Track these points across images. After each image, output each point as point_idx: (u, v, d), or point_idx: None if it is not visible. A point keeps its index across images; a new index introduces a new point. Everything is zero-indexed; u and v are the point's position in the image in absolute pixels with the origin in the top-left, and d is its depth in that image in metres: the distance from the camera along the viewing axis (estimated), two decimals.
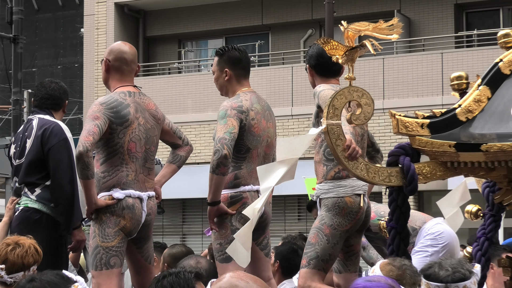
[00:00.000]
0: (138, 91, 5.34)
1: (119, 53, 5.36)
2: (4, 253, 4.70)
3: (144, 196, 5.20)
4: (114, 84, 5.35)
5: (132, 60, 5.38)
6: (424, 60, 17.86)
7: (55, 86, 6.08)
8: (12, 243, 4.74)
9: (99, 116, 5.09)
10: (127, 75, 5.36)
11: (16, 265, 4.66)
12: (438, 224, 6.51)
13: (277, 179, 4.46)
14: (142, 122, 5.23)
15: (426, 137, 4.52)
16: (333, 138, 4.47)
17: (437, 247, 6.39)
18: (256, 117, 5.40)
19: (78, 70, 28.65)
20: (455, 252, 6.43)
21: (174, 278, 3.43)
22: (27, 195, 5.79)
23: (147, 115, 5.29)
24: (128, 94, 5.25)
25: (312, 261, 5.39)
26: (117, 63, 5.34)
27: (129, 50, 5.40)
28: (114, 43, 5.56)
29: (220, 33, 21.51)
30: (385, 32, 4.51)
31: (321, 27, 19.92)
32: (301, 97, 18.08)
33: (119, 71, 5.35)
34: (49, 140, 5.77)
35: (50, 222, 5.77)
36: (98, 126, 5.05)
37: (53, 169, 5.73)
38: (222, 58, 5.54)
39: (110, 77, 5.38)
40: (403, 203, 4.58)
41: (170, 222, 20.33)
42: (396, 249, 4.58)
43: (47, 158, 5.76)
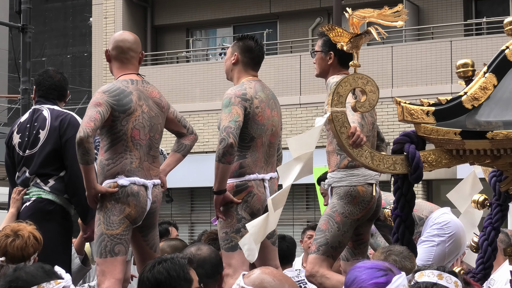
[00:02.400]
0: (141, 79, 5.34)
1: (115, 42, 5.39)
2: (4, 245, 4.70)
3: (149, 184, 5.19)
4: (116, 73, 5.37)
5: (129, 47, 5.36)
6: (433, 48, 17.79)
7: (60, 77, 6.08)
8: (12, 233, 4.73)
9: (101, 103, 5.09)
10: (126, 63, 5.36)
11: (16, 257, 4.67)
12: (445, 214, 6.50)
13: (294, 176, 4.48)
14: (146, 109, 5.23)
15: (432, 125, 4.51)
16: (338, 126, 4.46)
17: (443, 236, 6.37)
18: (260, 106, 5.39)
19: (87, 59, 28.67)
20: (461, 242, 6.41)
21: (169, 264, 3.45)
22: (40, 186, 5.77)
23: (151, 103, 5.28)
24: (130, 82, 5.25)
25: (321, 247, 5.40)
26: (114, 52, 5.37)
27: (127, 38, 5.40)
28: (115, 33, 5.57)
29: (228, 21, 21.48)
30: (390, 18, 4.49)
31: (329, 15, 19.86)
32: (309, 85, 18.05)
33: (118, 59, 5.37)
34: (66, 131, 5.77)
35: (63, 213, 5.78)
36: (100, 112, 5.05)
37: (71, 161, 5.72)
38: (238, 43, 5.60)
39: (112, 66, 5.42)
40: (408, 191, 4.56)
41: (179, 211, 20.35)
42: (401, 238, 4.57)
43: (64, 149, 5.76)
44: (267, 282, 2.73)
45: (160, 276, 3.45)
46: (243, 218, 5.30)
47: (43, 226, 5.34)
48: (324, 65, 5.61)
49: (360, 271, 3.07)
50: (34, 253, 4.75)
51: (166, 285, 3.43)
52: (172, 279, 3.43)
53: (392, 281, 3.00)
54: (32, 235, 4.75)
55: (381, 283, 2.99)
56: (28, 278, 3.25)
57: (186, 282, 3.42)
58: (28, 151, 5.83)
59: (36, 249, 4.76)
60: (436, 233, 6.39)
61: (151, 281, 3.45)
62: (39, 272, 3.28)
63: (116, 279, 5.03)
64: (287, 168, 4.55)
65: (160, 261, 3.52)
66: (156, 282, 3.44)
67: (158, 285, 3.44)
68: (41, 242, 4.81)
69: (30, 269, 3.31)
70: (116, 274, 5.05)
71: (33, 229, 4.83)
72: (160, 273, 3.44)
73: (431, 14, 19.38)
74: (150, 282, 3.45)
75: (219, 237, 5.41)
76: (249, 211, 5.33)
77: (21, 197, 5.82)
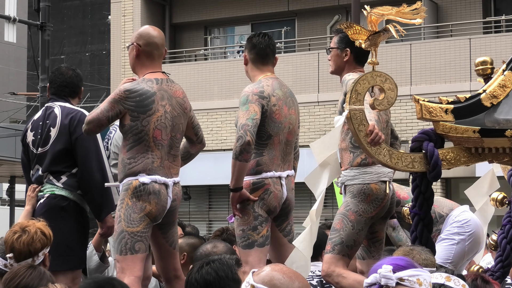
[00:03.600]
0: (166, 77, 5.32)
1: (150, 37, 5.34)
2: (11, 242, 4.70)
3: (169, 182, 5.20)
4: (143, 70, 5.33)
5: (162, 44, 5.37)
6: (451, 46, 17.73)
7: (72, 74, 6.06)
8: (19, 230, 4.73)
9: (114, 108, 5.16)
10: (157, 60, 5.35)
11: (23, 253, 4.66)
12: (465, 212, 6.47)
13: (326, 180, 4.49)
14: (169, 109, 5.23)
15: (450, 123, 4.49)
16: (356, 124, 4.45)
17: (463, 235, 6.35)
18: (278, 103, 5.38)
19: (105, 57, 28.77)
20: (481, 240, 6.38)
21: (218, 265, 3.43)
22: (53, 183, 5.79)
23: (174, 102, 5.28)
24: (155, 82, 5.24)
25: (336, 246, 5.38)
26: (148, 48, 5.32)
27: (158, 34, 5.39)
28: (141, 28, 5.50)
29: (247, 19, 21.48)
30: (408, 16, 4.48)
31: (348, 12, 19.82)
32: (328, 83, 18.02)
33: (150, 56, 5.33)
34: (76, 129, 5.76)
35: (77, 209, 5.79)
36: (109, 118, 5.17)
37: (82, 158, 5.74)
38: (246, 43, 5.64)
39: (140, 63, 5.35)
40: (426, 189, 4.55)
41: (197, 208, 20.38)
42: (419, 236, 4.56)
43: (75, 147, 5.76)
44: (276, 279, 2.71)
45: (208, 277, 3.44)
46: (260, 215, 5.30)
47: (58, 222, 5.36)
48: (339, 62, 5.60)
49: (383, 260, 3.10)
50: (42, 248, 4.72)
51: (215, 285, 3.42)
52: (221, 279, 3.42)
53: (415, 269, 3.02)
54: (39, 230, 4.74)
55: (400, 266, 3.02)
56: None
57: (235, 283, 3.40)
58: (40, 149, 5.85)
59: (44, 245, 4.73)
60: (456, 231, 6.37)
61: (200, 282, 3.44)
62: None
63: (135, 277, 5.04)
64: (314, 176, 4.57)
65: (208, 262, 3.51)
66: (204, 283, 3.43)
67: (206, 285, 3.43)
68: (50, 237, 4.79)
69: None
70: (136, 272, 5.06)
71: (42, 225, 4.81)
72: (209, 273, 3.42)
73: (449, 12, 19.31)
74: (199, 283, 3.44)
75: (236, 234, 5.41)
76: (266, 208, 5.32)
77: (35, 194, 5.84)
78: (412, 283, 3.00)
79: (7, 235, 4.76)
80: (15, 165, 24.65)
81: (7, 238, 4.74)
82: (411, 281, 3.00)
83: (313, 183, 4.58)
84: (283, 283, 2.69)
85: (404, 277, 3.00)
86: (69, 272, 5.63)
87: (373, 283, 3.03)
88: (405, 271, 3.01)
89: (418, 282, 3.00)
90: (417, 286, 3.00)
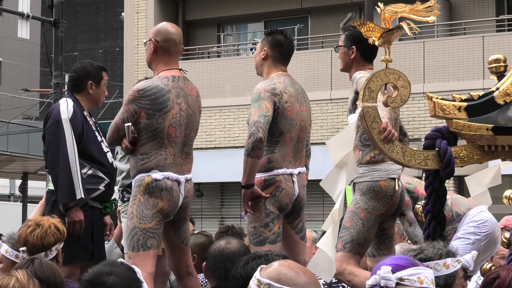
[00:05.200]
0: (183, 75, 5.33)
1: (168, 34, 5.33)
2: (24, 235, 4.74)
3: (181, 179, 5.21)
4: (159, 67, 5.33)
5: (180, 41, 5.38)
6: (465, 43, 17.69)
7: (78, 68, 6.12)
8: (33, 224, 4.77)
9: (128, 109, 5.18)
10: (174, 56, 5.35)
11: (36, 246, 4.69)
12: (483, 212, 6.44)
13: (344, 180, 4.48)
14: (184, 107, 5.24)
15: (463, 120, 4.48)
16: (369, 121, 4.44)
17: (479, 235, 6.33)
18: (290, 100, 5.38)
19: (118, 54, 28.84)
20: (497, 240, 6.37)
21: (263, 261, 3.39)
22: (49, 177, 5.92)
23: (190, 100, 5.29)
24: (171, 79, 5.24)
25: (347, 244, 5.38)
26: (166, 44, 5.32)
27: (176, 31, 5.40)
28: (159, 24, 5.48)
29: (260, 17, 21.49)
30: (422, 14, 4.47)
31: (361, 10, 19.80)
32: (340, 81, 18.01)
33: (167, 52, 5.33)
34: (47, 123, 5.90)
35: None
36: (125, 120, 5.19)
37: (45, 153, 5.89)
38: (267, 37, 5.58)
39: (157, 59, 5.35)
40: (439, 187, 4.54)
41: (209, 205, 20.41)
42: (432, 233, 4.54)
43: (43, 141, 5.91)
44: (283, 274, 2.69)
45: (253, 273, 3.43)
46: (271, 212, 5.31)
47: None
48: (347, 59, 5.61)
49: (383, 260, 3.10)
50: (56, 243, 4.75)
51: None
52: None
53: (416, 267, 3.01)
54: (53, 225, 4.78)
55: (400, 265, 3.01)
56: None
57: None
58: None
59: (57, 239, 4.76)
60: (473, 231, 6.35)
61: (244, 278, 3.40)
62: (133, 274, 3.32)
63: (148, 273, 5.04)
64: (331, 178, 4.55)
65: (254, 257, 3.47)
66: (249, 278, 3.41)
67: None
68: (63, 233, 4.83)
69: (123, 269, 3.34)
70: (148, 268, 5.07)
71: (56, 221, 4.86)
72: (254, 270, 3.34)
73: (463, 10, 19.26)
74: (243, 279, 3.40)
75: (247, 231, 5.41)
76: (277, 205, 5.32)
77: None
78: (413, 282, 2.98)
79: (21, 229, 4.80)
80: (27, 162, 24.76)
81: (21, 232, 4.78)
82: (411, 280, 2.98)
83: (330, 185, 4.56)
84: (289, 278, 2.67)
85: (403, 276, 2.99)
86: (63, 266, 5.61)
87: (374, 284, 3.02)
88: (404, 270, 2.99)
89: (419, 281, 2.99)
90: (418, 285, 2.98)
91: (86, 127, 5.93)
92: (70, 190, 5.67)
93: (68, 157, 5.71)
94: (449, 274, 3.58)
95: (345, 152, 4.50)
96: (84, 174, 5.81)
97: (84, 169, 5.82)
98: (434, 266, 3.48)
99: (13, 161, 24.63)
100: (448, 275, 3.57)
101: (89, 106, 6.06)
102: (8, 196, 35.34)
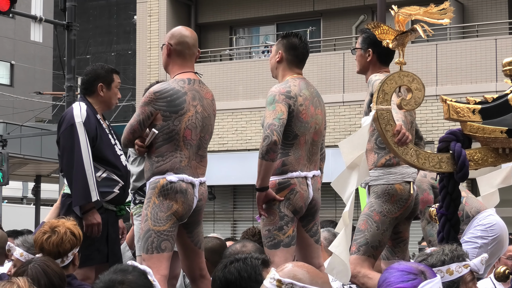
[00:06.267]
0: (198, 78, 5.35)
1: (181, 37, 5.36)
2: (40, 242, 4.71)
3: (196, 181, 5.22)
4: (175, 70, 5.35)
5: (194, 44, 5.40)
6: (477, 46, 17.64)
7: (89, 71, 6.16)
8: (49, 230, 4.73)
9: (144, 111, 5.19)
10: (189, 59, 5.37)
11: (52, 253, 4.66)
12: (491, 216, 6.44)
13: (355, 182, 4.47)
14: (200, 110, 5.25)
15: (478, 123, 4.47)
16: (383, 124, 4.44)
17: (487, 239, 6.32)
18: (305, 103, 5.38)
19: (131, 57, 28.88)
20: (504, 244, 6.36)
21: (241, 265, 3.37)
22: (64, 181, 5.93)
23: (205, 103, 5.30)
24: (187, 82, 5.26)
25: (361, 247, 5.37)
26: (179, 47, 5.35)
27: (191, 34, 5.42)
28: (174, 28, 5.52)
29: (272, 19, 21.48)
30: (436, 16, 4.47)
31: (373, 12, 19.77)
32: (353, 83, 17.99)
33: (181, 55, 5.35)
34: (60, 127, 5.92)
35: None
36: (140, 122, 5.19)
37: (60, 157, 5.91)
38: (282, 40, 5.58)
39: (172, 62, 5.38)
40: (453, 190, 4.53)
41: (221, 208, 20.41)
42: (446, 236, 4.53)
43: (58, 145, 5.93)
44: (302, 273, 2.78)
45: (230, 277, 3.39)
46: (286, 215, 5.30)
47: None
48: (363, 62, 5.61)
49: (391, 273, 3.07)
50: (72, 249, 4.73)
51: (236, 285, 3.37)
52: (242, 280, 3.36)
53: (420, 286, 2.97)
54: (69, 230, 4.74)
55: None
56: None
57: (257, 284, 3.27)
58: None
59: (74, 245, 4.74)
60: (480, 235, 6.34)
61: (222, 281, 3.40)
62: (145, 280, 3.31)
63: (161, 275, 5.05)
64: (342, 179, 4.54)
65: (233, 261, 3.46)
66: (226, 282, 3.38)
67: (228, 285, 3.39)
68: (79, 237, 4.80)
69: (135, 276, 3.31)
70: (162, 270, 5.07)
71: (72, 225, 4.82)
72: (231, 273, 3.37)
73: (476, 12, 19.21)
74: (221, 282, 3.41)
75: (262, 234, 5.41)
76: (292, 208, 5.32)
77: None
78: None
79: (37, 235, 4.77)
80: (40, 164, 24.83)
81: (37, 237, 4.75)
82: None
83: (340, 186, 4.55)
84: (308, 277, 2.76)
85: None
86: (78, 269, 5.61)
87: None
88: None
89: None
90: None
91: (100, 130, 5.95)
92: (85, 192, 5.69)
93: (83, 160, 5.73)
94: (452, 281, 3.54)
95: (358, 154, 4.50)
96: (99, 177, 5.83)
97: (98, 172, 5.84)
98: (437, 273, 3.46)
99: (26, 163, 24.71)
100: (451, 281, 3.54)
101: (102, 109, 6.08)
102: (21, 198, 35.43)
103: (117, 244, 6.05)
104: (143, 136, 5.23)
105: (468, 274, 3.56)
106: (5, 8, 15.88)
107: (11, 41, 37.03)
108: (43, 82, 36.83)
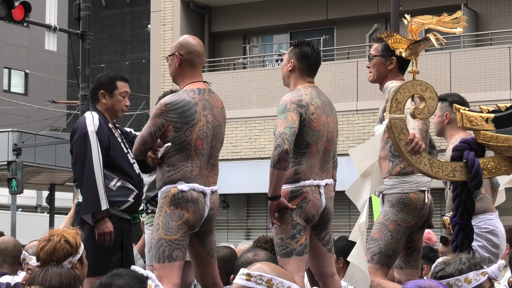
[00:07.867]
0: (208, 87, 5.35)
1: (191, 46, 5.37)
2: (37, 250, 4.70)
3: (207, 190, 5.22)
4: (185, 80, 5.35)
5: (203, 52, 5.43)
6: (491, 54, 17.60)
7: (95, 79, 6.26)
8: (46, 239, 4.69)
9: (155, 123, 5.20)
10: (199, 68, 5.38)
11: (46, 261, 4.59)
12: (490, 220, 6.42)
13: (368, 190, 4.47)
14: (211, 119, 5.26)
15: (491, 132, 4.46)
16: (396, 132, 4.44)
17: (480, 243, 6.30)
18: (316, 112, 5.37)
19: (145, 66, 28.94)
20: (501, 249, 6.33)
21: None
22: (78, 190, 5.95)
23: (216, 112, 5.31)
24: (197, 92, 5.27)
25: (375, 256, 5.36)
26: (191, 57, 5.35)
27: (198, 43, 5.43)
28: (180, 38, 5.52)
29: (285, 28, 21.51)
30: (449, 25, 4.46)
31: (387, 21, 19.77)
32: (366, 91, 17.98)
33: (192, 65, 5.36)
34: (73, 137, 5.96)
35: None
36: (152, 134, 5.20)
37: (73, 166, 5.94)
38: (294, 49, 5.56)
39: (182, 73, 5.37)
40: (467, 199, 4.52)
41: (235, 216, 20.41)
42: (460, 245, 4.52)
43: (71, 154, 5.96)
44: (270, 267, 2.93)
45: None
46: (298, 224, 5.29)
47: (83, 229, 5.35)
48: (383, 70, 5.59)
49: None
50: (67, 257, 4.62)
51: None
52: None
53: None
54: (64, 239, 4.65)
55: None
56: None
57: None
58: None
59: (68, 254, 4.62)
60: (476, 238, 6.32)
61: None
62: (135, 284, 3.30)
63: (173, 284, 5.05)
64: (356, 188, 4.55)
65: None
66: None
67: None
68: (76, 246, 4.67)
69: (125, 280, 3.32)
70: (174, 279, 5.08)
71: (70, 233, 4.72)
72: None
73: (489, 20, 19.18)
74: None
75: (274, 243, 5.40)
76: (304, 217, 5.31)
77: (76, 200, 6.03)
78: None
79: (38, 243, 4.80)
80: (55, 173, 24.89)
81: (37, 246, 4.76)
82: None
83: (355, 194, 4.56)
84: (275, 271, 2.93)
85: None
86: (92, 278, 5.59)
87: None
88: None
89: None
90: None
91: (112, 139, 5.97)
92: (95, 200, 5.71)
93: (94, 168, 5.75)
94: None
95: (370, 162, 4.50)
96: (114, 186, 5.85)
97: (113, 181, 5.86)
98: (455, 283, 3.44)
99: (40, 172, 24.77)
100: None
101: (110, 117, 6.10)
102: (35, 207, 35.55)
103: (131, 252, 6.06)
104: (154, 147, 5.24)
105: (486, 281, 3.55)
106: (19, 17, 15.97)
107: (26, 50, 37.19)
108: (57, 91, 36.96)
